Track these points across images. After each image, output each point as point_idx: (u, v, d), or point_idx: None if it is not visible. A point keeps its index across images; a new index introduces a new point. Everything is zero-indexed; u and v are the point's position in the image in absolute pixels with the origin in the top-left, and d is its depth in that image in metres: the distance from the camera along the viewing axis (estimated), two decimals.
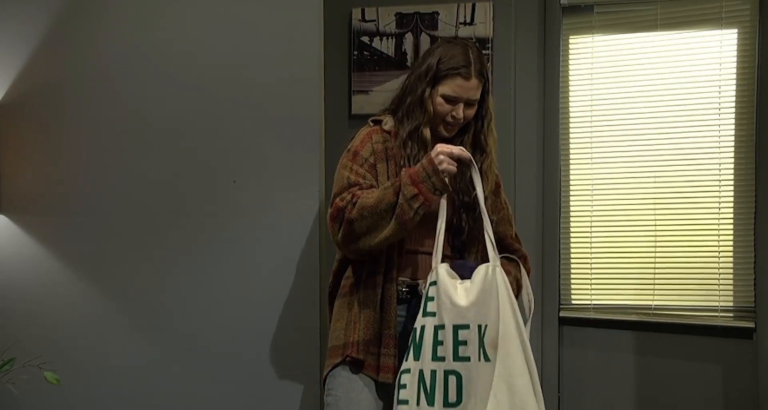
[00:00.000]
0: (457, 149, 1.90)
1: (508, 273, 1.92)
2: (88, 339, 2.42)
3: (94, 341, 2.42)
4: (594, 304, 3.06)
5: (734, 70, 2.86)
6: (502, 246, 2.00)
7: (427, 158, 1.89)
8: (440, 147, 1.89)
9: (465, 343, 1.82)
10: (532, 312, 1.97)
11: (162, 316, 2.40)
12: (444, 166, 1.86)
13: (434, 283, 1.88)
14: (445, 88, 1.96)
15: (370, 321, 1.95)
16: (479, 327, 1.82)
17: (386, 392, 1.96)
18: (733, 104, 2.87)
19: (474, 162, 1.93)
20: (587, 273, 3.07)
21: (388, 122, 2.05)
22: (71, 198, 2.43)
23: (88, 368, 2.41)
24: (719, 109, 2.89)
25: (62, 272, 2.43)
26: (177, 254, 2.39)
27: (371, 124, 2.08)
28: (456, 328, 1.83)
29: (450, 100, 1.97)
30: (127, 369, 2.41)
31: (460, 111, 1.97)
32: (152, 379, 2.39)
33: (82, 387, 2.40)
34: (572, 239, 3.09)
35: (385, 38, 3.09)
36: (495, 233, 1.96)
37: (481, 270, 1.88)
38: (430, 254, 1.94)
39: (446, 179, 1.88)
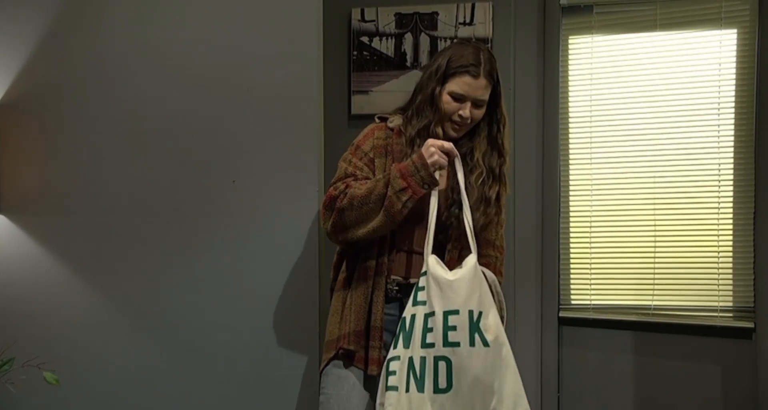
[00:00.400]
0: (448, 143, 1.92)
1: None
2: (88, 339, 2.42)
3: (93, 341, 2.42)
4: (593, 304, 3.06)
5: (734, 71, 2.87)
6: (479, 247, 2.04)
7: (417, 152, 1.92)
8: (431, 141, 1.92)
9: (454, 328, 1.84)
10: (505, 319, 2.00)
11: (161, 316, 2.40)
12: (435, 158, 1.89)
13: (425, 273, 1.90)
14: (453, 85, 1.98)
15: (360, 313, 1.98)
16: (470, 312, 1.84)
17: (373, 384, 1.97)
18: (733, 104, 2.87)
19: (459, 156, 1.95)
20: (587, 273, 3.07)
21: (395, 120, 2.08)
22: (71, 198, 2.43)
23: (88, 368, 2.41)
24: (719, 109, 2.89)
25: (62, 272, 2.43)
26: (177, 254, 2.39)
27: (377, 120, 2.13)
28: (446, 314, 1.85)
29: (457, 98, 1.98)
30: (126, 369, 2.41)
31: (466, 110, 1.98)
32: (151, 379, 2.39)
33: (82, 388, 2.40)
34: (572, 240, 3.09)
35: (384, 38, 3.09)
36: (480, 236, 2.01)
37: (471, 259, 1.91)
38: (421, 254, 1.96)
39: (435, 173, 1.90)
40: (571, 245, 3.09)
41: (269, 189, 2.35)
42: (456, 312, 1.84)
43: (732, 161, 2.88)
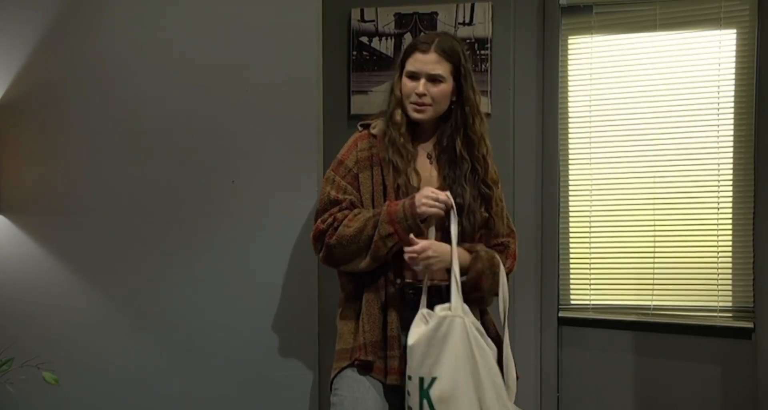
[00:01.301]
0: (443, 195, 1.92)
1: (492, 260, 1.97)
2: (88, 339, 2.42)
3: (93, 341, 2.42)
4: (593, 304, 3.06)
5: (733, 71, 2.86)
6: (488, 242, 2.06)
7: (410, 198, 1.92)
8: (426, 190, 1.92)
9: (409, 393, 1.87)
10: (506, 312, 1.99)
11: (161, 316, 2.40)
12: (423, 209, 1.89)
13: None
14: (408, 66, 2.00)
15: (375, 323, 1.96)
16: (421, 379, 1.85)
17: (393, 394, 1.96)
18: (732, 104, 2.87)
19: (454, 209, 1.93)
20: (586, 273, 3.07)
21: (378, 126, 2.06)
22: (71, 198, 2.43)
23: (87, 368, 2.41)
24: (718, 109, 2.89)
25: (62, 272, 2.43)
26: (176, 254, 2.39)
27: (360, 129, 2.11)
28: (408, 378, 1.88)
29: (411, 76, 1.99)
30: (126, 369, 2.41)
31: (420, 86, 1.97)
32: (151, 379, 2.39)
33: (82, 388, 2.40)
34: (571, 240, 3.09)
35: (384, 38, 3.09)
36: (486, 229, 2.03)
37: (438, 313, 1.89)
38: None
39: (421, 223, 1.91)
40: (571, 245, 3.09)
41: (269, 189, 2.35)
42: (410, 378, 1.87)
43: (731, 161, 2.88)
